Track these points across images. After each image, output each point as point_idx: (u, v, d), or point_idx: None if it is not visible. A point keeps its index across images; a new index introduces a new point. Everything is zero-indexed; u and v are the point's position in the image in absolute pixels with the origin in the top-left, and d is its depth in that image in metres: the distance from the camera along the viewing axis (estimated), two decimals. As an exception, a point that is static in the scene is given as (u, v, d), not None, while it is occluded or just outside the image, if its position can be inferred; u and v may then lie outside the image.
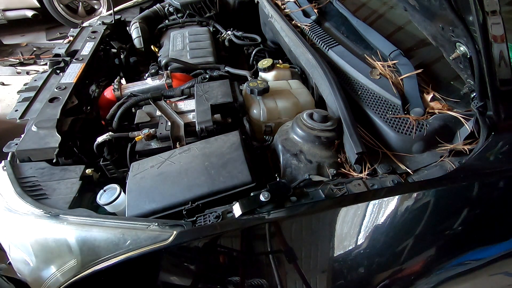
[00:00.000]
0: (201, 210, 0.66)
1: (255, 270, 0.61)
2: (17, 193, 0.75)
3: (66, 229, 0.64)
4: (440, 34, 0.77)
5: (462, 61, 0.73)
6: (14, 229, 0.71)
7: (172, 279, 0.59)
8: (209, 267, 0.60)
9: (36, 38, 3.54)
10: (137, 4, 1.76)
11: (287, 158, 0.76)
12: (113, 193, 0.75)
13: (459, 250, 0.66)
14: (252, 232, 0.60)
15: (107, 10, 3.62)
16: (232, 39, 1.45)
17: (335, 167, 0.75)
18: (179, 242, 0.57)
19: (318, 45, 1.13)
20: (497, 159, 0.67)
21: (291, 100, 0.96)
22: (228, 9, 1.66)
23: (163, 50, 1.35)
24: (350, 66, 0.97)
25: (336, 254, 0.61)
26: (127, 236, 0.59)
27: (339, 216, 0.61)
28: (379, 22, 1.16)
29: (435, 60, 0.93)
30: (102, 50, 1.30)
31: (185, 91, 1.02)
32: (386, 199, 0.62)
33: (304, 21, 1.28)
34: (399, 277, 0.63)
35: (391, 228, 0.62)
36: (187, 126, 0.88)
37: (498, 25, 0.62)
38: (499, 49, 0.63)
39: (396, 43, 0.99)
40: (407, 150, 0.76)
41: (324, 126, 0.78)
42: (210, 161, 0.73)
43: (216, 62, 1.26)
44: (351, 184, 0.67)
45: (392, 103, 0.83)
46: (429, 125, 0.76)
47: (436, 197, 0.63)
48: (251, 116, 0.94)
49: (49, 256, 0.64)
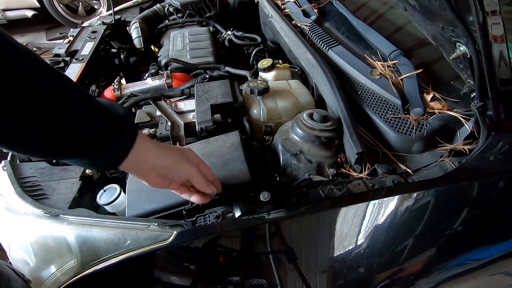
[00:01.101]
0: (201, 210, 0.66)
1: (255, 270, 0.61)
2: (17, 193, 0.75)
3: (66, 229, 0.64)
4: (440, 34, 0.77)
5: (462, 61, 0.73)
6: (14, 229, 0.71)
7: (172, 279, 0.59)
8: (209, 267, 0.60)
9: (36, 38, 3.54)
10: (137, 4, 1.76)
11: (287, 158, 0.76)
12: (113, 193, 0.75)
13: (459, 250, 0.66)
14: (252, 232, 0.60)
15: (107, 10, 3.62)
16: (232, 39, 1.45)
17: (335, 167, 0.75)
18: (179, 242, 0.57)
19: (318, 45, 1.13)
20: (497, 159, 0.67)
21: (291, 100, 0.96)
22: (228, 9, 1.66)
23: (163, 50, 1.35)
24: (350, 66, 0.97)
25: (336, 254, 0.61)
26: (127, 236, 0.60)
27: (339, 216, 0.61)
28: (379, 22, 1.16)
29: (435, 60, 0.93)
30: (102, 50, 1.30)
31: (185, 91, 1.01)
32: (386, 199, 0.62)
33: (304, 21, 1.28)
34: (399, 277, 0.63)
35: (391, 228, 0.62)
36: (187, 126, 0.88)
37: (498, 25, 0.62)
38: (499, 49, 0.63)
39: (396, 43, 0.99)
40: (407, 150, 0.76)
41: (324, 126, 0.78)
42: (210, 161, 0.73)
43: (216, 62, 1.26)
44: (351, 184, 0.67)
45: (392, 103, 0.84)
46: (429, 125, 0.76)
47: (436, 197, 0.63)
48: (251, 116, 0.94)
49: (49, 256, 0.64)
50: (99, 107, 0.48)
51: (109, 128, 0.48)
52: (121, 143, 0.50)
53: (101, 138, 0.47)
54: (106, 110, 0.49)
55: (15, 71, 0.39)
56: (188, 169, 0.59)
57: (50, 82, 0.43)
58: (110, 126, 0.48)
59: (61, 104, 0.43)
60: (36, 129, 0.42)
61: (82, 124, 0.45)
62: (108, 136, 0.48)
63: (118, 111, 0.51)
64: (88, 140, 0.46)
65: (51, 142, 0.44)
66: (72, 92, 0.45)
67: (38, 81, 0.41)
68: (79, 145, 0.46)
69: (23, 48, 0.42)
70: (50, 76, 0.43)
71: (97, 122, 0.47)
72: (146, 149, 0.54)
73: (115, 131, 0.49)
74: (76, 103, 0.45)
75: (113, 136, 0.48)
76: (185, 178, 0.60)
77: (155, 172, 0.56)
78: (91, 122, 0.46)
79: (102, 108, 0.48)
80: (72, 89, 0.46)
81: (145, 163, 0.54)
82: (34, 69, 0.42)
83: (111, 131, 0.48)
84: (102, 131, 0.47)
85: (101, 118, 0.48)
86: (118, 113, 0.50)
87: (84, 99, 0.47)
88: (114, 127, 0.49)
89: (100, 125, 0.47)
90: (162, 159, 0.56)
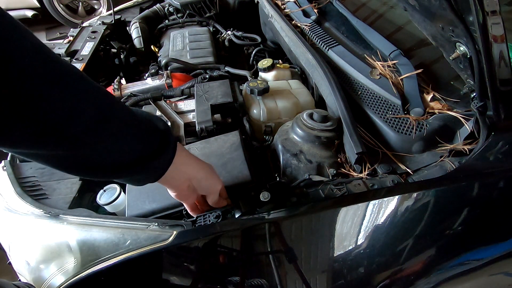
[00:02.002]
0: (201, 210, 0.66)
1: (255, 270, 0.60)
2: (17, 193, 0.75)
3: (66, 229, 0.64)
4: (440, 34, 0.77)
5: (462, 61, 0.73)
6: (14, 229, 0.71)
7: (172, 279, 0.59)
8: (209, 267, 0.60)
9: (36, 38, 3.53)
10: (137, 4, 1.75)
11: (287, 158, 0.76)
12: (113, 193, 0.75)
13: (459, 250, 0.66)
14: (252, 232, 0.60)
15: (107, 10, 3.62)
16: (232, 39, 1.45)
17: (335, 167, 0.75)
18: (179, 242, 0.57)
19: (318, 45, 1.13)
20: (497, 159, 0.67)
21: (291, 100, 0.96)
22: (228, 9, 1.66)
23: (163, 50, 1.35)
24: (350, 66, 0.97)
25: (336, 254, 0.61)
26: (127, 236, 0.60)
27: (339, 216, 0.61)
28: (379, 22, 1.16)
29: (435, 60, 0.93)
30: (102, 50, 1.30)
31: (185, 91, 1.01)
32: (386, 199, 0.62)
33: (304, 21, 1.28)
34: (399, 277, 0.63)
35: (391, 228, 0.62)
36: (187, 126, 0.88)
37: (498, 25, 0.62)
38: (499, 49, 0.63)
39: (396, 43, 0.99)
40: (407, 150, 0.76)
41: (324, 126, 0.78)
42: (210, 161, 0.72)
43: (216, 62, 1.26)
44: (351, 184, 0.67)
45: (392, 103, 0.84)
46: (429, 125, 0.76)
47: (436, 197, 0.63)
48: (251, 116, 0.94)
49: (49, 256, 0.64)
50: (143, 128, 0.47)
51: (151, 150, 0.48)
52: (162, 162, 0.50)
53: (144, 161, 0.47)
54: (149, 130, 0.48)
55: (67, 99, 0.37)
56: (218, 183, 0.61)
57: (101, 108, 0.41)
58: (154, 147, 0.48)
59: (108, 131, 0.42)
60: (78, 154, 0.41)
61: (127, 150, 0.45)
62: (150, 157, 0.47)
63: (159, 126, 0.50)
64: (131, 163, 0.46)
65: (94, 167, 0.44)
66: (119, 116, 0.44)
67: (89, 108, 0.40)
68: (122, 169, 0.46)
69: (76, 72, 0.40)
70: (100, 103, 0.41)
71: (141, 145, 0.46)
72: (184, 163, 0.55)
73: (157, 152, 0.48)
74: (123, 130, 0.44)
75: (155, 157, 0.48)
76: (212, 191, 0.61)
77: (188, 184, 0.57)
78: (135, 147, 0.46)
79: (146, 130, 0.47)
80: (120, 112, 0.44)
81: (182, 175, 0.55)
82: (87, 94, 0.40)
83: (153, 153, 0.48)
84: (146, 154, 0.47)
85: (145, 139, 0.47)
86: (159, 128, 0.50)
87: (129, 123, 0.45)
88: (157, 147, 0.48)
89: (145, 148, 0.47)
90: (198, 172, 0.58)
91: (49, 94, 0.36)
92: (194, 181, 0.58)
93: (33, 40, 0.36)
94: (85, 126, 0.39)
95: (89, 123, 0.40)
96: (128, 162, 0.46)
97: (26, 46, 0.35)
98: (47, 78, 0.36)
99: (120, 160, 0.45)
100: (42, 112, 0.36)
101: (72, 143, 0.40)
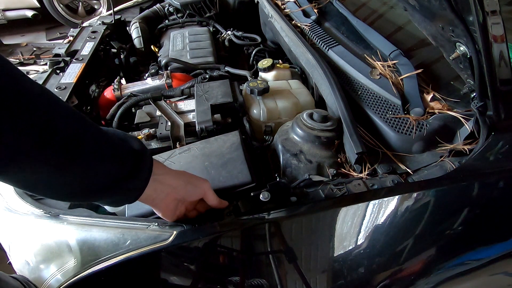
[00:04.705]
0: (201, 210, 0.66)
1: (255, 270, 0.60)
2: (17, 193, 0.75)
3: (66, 229, 0.64)
4: (440, 34, 0.77)
5: (462, 61, 0.73)
6: (14, 229, 0.71)
7: (172, 279, 0.59)
8: (209, 267, 0.60)
9: (36, 38, 3.54)
10: (137, 4, 1.75)
11: (287, 158, 0.76)
12: (113, 193, 0.75)
13: (459, 250, 0.66)
14: (252, 232, 0.60)
15: (107, 10, 3.62)
16: (232, 39, 1.45)
17: (335, 167, 0.75)
18: (179, 242, 0.57)
19: (318, 45, 1.13)
20: (497, 159, 0.67)
21: (291, 100, 0.96)
22: (228, 9, 1.66)
23: (163, 50, 1.35)
24: (350, 66, 0.97)
25: (336, 254, 0.61)
26: (127, 236, 0.59)
27: (339, 216, 0.61)
28: (379, 22, 1.16)
29: (435, 60, 0.93)
30: (102, 50, 1.30)
31: (185, 91, 1.01)
32: (386, 199, 0.62)
33: (304, 21, 1.28)
34: (399, 277, 0.63)
35: (391, 228, 0.62)
36: (187, 126, 0.88)
37: (498, 25, 0.62)
38: (499, 49, 0.63)
39: (396, 43, 0.99)
40: (407, 150, 0.76)
41: (324, 126, 0.78)
42: (210, 161, 0.73)
43: (216, 62, 1.26)
44: (351, 184, 0.67)
45: (392, 103, 0.84)
46: (429, 125, 0.76)
47: (436, 197, 0.63)
48: (251, 116, 0.94)
49: (49, 256, 0.64)
50: (117, 149, 0.47)
51: (126, 171, 0.47)
52: (138, 182, 0.50)
53: (119, 182, 0.46)
54: (124, 150, 0.48)
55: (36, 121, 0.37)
56: (203, 183, 0.61)
57: (72, 130, 0.41)
58: (128, 168, 0.47)
59: (80, 153, 0.42)
60: (51, 178, 0.41)
61: (101, 172, 0.45)
62: (125, 178, 0.47)
63: (134, 145, 0.50)
64: (107, 186, 0.45)
65: (69, 191, 0.44)
66: (92, 138, 0.43)
67: (60, 130, 0.40)
68: (98, 191, 0.46)
69: (46, 93, 0.40)
70: (72, 124, 0.41)
71: (115, 167, 0.46)
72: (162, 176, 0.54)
73: (132, 172, 0.48)
74: (97, 151, 0.44)
75: (130, 177, 0.48)
76: (202, 194, 0.61)
77: (173, 197, 0.57)
78: (110, 168, 0.45)
79: (120, 150, 0.47)
80: (92, 134, 0.44)
81: (164, 189, 0.55)
82: (57, 116, 0.40)
83: (128, 174, 0.47)
84: (121, 176, 0.46)
85: (119, 160, 0.46)
86: (134, 148, 0.49)
87: (103, 145, 0.45)
88: (131, 168, 0.48)
89: (119, 170, 0.46)
90: (178, 179, 0.57)
91: (17, 116, 0.35)
92: (179, 189, 0.57)
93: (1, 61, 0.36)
94: (57, 148, 0.39)
95: (60, 145, 0.39)
96: (104, 184, 0.45)
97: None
98: (14, 99, 0.36)
99: (96, 183, 0.45)
100: (12, 134, 0.35)
101: (43, 165, 0.39)
